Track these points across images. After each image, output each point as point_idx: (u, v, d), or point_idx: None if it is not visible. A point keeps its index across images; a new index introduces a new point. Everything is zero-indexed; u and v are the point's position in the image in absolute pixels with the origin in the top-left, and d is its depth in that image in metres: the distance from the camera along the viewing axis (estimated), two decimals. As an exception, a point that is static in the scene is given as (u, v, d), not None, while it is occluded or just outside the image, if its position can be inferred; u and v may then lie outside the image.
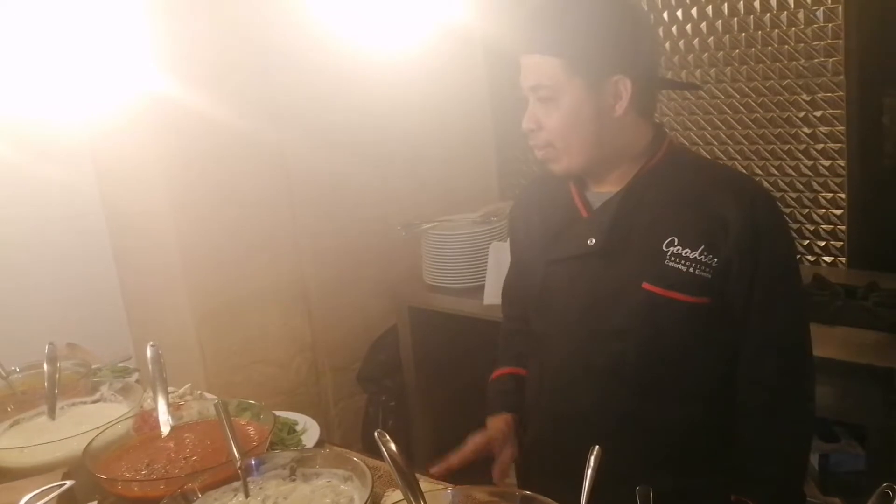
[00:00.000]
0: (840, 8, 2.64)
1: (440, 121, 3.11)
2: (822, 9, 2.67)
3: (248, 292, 2.70)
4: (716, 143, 3.02)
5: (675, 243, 1.47)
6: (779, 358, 1.50)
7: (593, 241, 1.53)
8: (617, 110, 1.51)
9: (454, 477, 1.21)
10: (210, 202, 2.55)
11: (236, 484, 1.26)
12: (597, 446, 1.18)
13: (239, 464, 1.26)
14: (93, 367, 1.92)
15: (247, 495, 1.24)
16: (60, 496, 1.07)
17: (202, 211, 2.53)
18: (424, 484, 1.13)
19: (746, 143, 2.94)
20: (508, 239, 1.86)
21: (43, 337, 1.77)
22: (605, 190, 1.58)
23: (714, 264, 1.45)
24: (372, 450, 1.26)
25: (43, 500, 1.05)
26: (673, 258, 1.47)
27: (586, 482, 1.18)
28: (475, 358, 2.30)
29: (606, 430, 1.47)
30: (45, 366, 1.67)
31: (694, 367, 1.52)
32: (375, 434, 1.18)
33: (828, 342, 2.13)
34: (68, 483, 1.11)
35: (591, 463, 1.18)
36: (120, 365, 2.04)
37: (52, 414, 1.63)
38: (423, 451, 3.00)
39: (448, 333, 3.02)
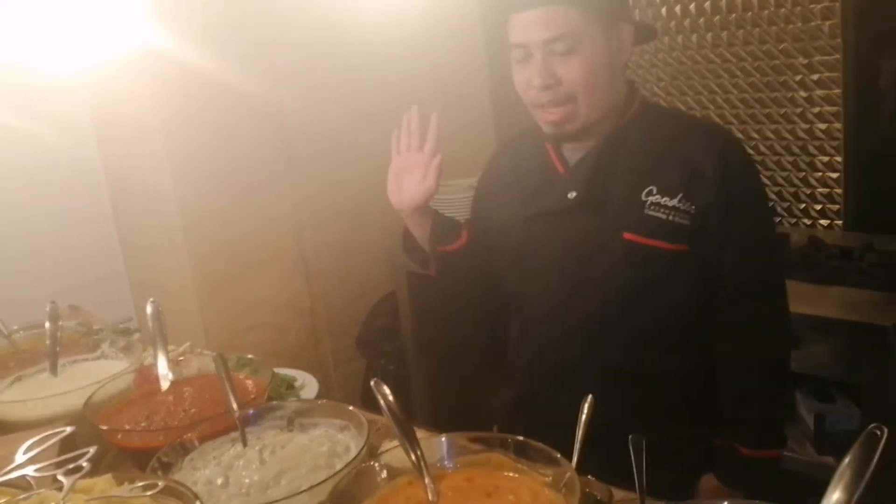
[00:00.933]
0: None
1: (438, 85, 3.10)
2: None
3: (248, 257, 2.71)
4: (712, 106, 3.02)
5: (654, 192, 1.50)
6: (754, 301, 1.54)
7: (574, 194, 1.55)
8: (622, 57, 1.54)
9: (447, 427, 1.23)
10: (210, 167, 2.56)
11: (234, 434, 1.28)
12: (590, 395, 1.21)
13: (237, 414, 1.28)
14: (94, 327, 1.94)
15: (244, 445, 1.26)
16: (63, 442, 1.09)
17: (202, 176, 2.54)
18: (419, 432, 1.15)
19: (743, 106, 2.94)
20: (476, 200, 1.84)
21: (45, 299, 1.79)
22: (580, 146, 1.59)
23: (692, 211, 1.49)
24: (371, 409, 1.28)
25: (45, 445, 1.06)
26: (652, 207, 1.50)
27: (580, 432, 1.20)
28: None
29: (592, 380, 1.44)
30: (47, 324, 1.70)
31: (675, 314, 1.56)
32: (371, 383, 1.20)
33: (823, 302, 2.15)
34: (69, 429, 1.12)
35: (585, 411, 1.21)
36: (121, 326, 2.07)
37: (53, 370, 1.65)
38: (421, 415, 3.03)
39: (446, 298, 3.03)
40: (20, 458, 1.05)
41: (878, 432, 0.84)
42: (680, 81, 3.07)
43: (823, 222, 2.87)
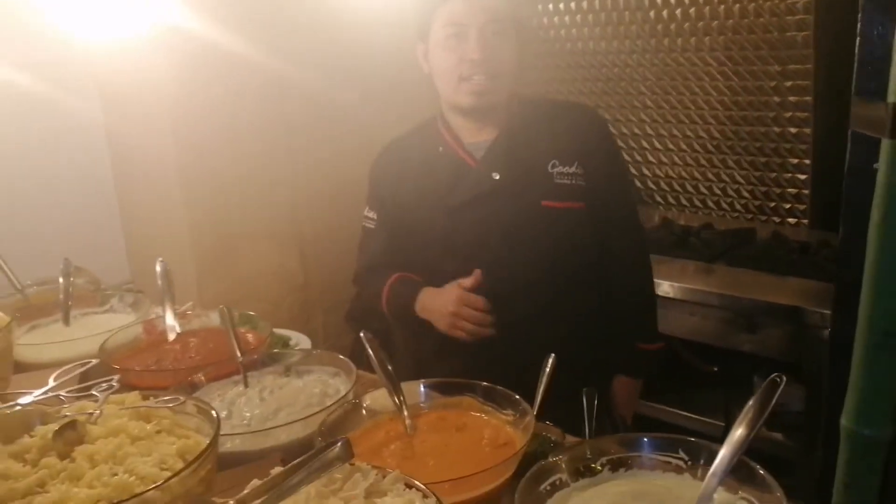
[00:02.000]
0: None
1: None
2: None
3: (245, 231, 2.83)
4: (693, 106, 3.18)
5: (557, 164, 1.86)
6: (629, 235, 1.97)
7: (497, 175, 1.86)
8: (524, 51, 1.89)
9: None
10: (212, 141, 2.66)
11: (237, 377, 1.43)
12: (552, 354, 1.39)
13: (240, 359, 1.44)
14: (102, 287, 2.09)
15: (246, 386, 1.41)
16: (83, 377, 1.23)
17: (204, 149, 2.65)
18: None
19: (721, 108, 3.10)
20: (374, 211, 2.04)
21: (43, 259, 1.92)
22: (480, 139, 1.90)
23: (583, 173, 1.86)
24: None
25: (70, 375, 1.21)
26: (559, 176, 1.86)
27: (541, 385, 1.37)
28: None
29: (530, 328, 1.84)
30: (60, 278, 1.84)
31: (581, 261, 1.90)
32: (361, 334, 1.37)
33: (780, 290, 2.33)
34: (93, 361, 1.27)
35: (548, 368, 1.38)
36: (125, 287, 2.21)
37: (66, 320, 1.80)
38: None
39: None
40: (51, 383, 1.19)
41: (778, 380, 1.00)
42: (664, 82, 3.23)
43: (791, 220, 3.04)
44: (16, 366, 1.62)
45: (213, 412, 1.00)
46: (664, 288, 2.51)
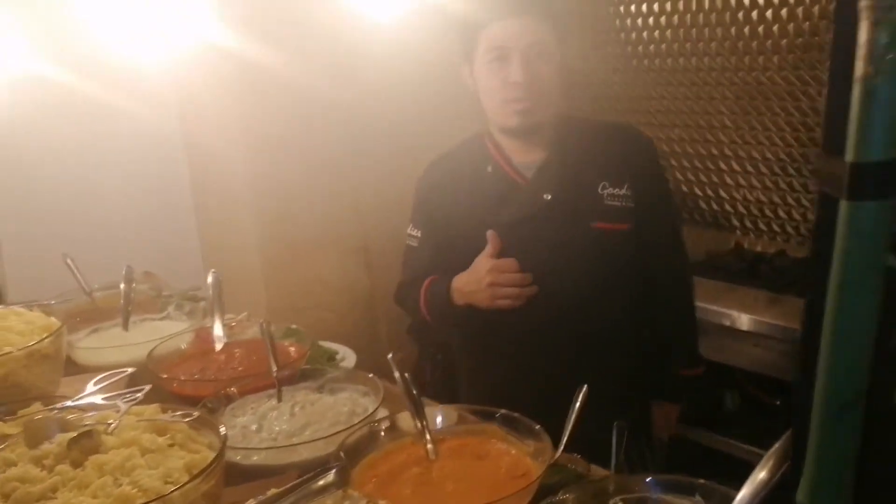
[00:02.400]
0: (816, 8, 2.74)
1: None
2: (801, 8, 2.78)
3: (313, 241, 2.89)
4: (705, 124, 3.18)
5: (607, 186, 1.85)
6: (670, 255, 1.96)
7: (549, 196, 1.85)
8: (567, 75, 1.88)
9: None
10: (281, 156, 2.74)
11: (272, 391, 1.46)
12: (585, 386, 1.35)
13: (275, 373, 1.46)
14: (164, 292, 2.16)
15: (279, 400, 1.43)
16: (127, 382, 1.28)
17: (273, 163, 2.73)
18: (429, 403, 1.30)
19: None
20: (419, 228, 2.04)
21: (124, 263, 2.00)
22: (529, 159, 1.89)
23: (632, 195, 1.85)
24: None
25: (110, 381, 1.26)
26: (609, 198, 1.85)
27: (572, 416, 1.34)
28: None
29: (578, 348, 1.85)
30: (122, 285, 1.91)
31: (628, 284, 1.90)
32: (389, 357, 1.37)
33: (776, 308, 2.38)
34: (130, 369, 1.32)
35: (579, 399, 1.35)
36: (189, 293, 2.28)
37: (125, 325, 1.87)
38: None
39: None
40: (90, 388, 1.24)
41: None
42: (673, 98, 3.24)
43: (798, 240, 2.94)
44: (74, 367, 1.71)
45: (221, 428, 1.02)
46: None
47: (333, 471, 0.88)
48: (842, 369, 0.48)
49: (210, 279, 1.79)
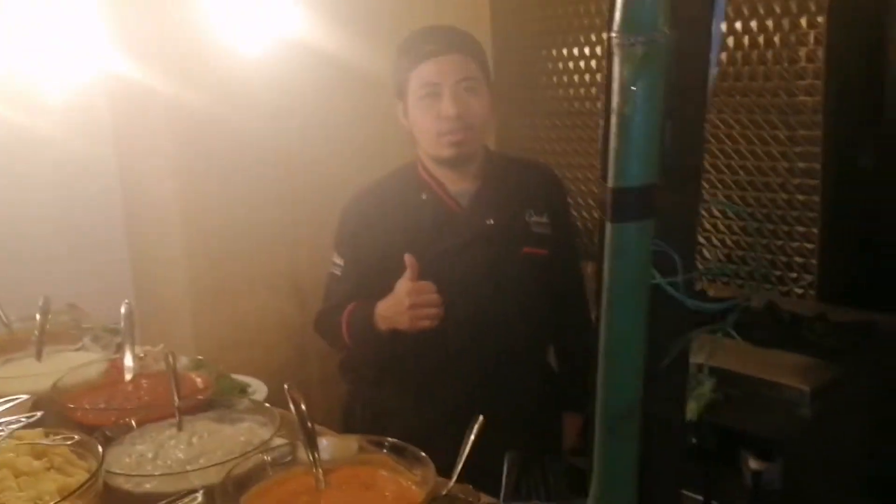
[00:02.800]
0: (820, 50, 2.78)
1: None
2: (804, 49, 2.81)
3: (243, 276, 2.90)
4: (712, 171, 3.17)
5: (532, 214, 2.01)
6: (574, 278, 2.14)
7: (491, 220, 1.97)
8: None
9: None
10: (213, 186, 2.76)
11: (174, 421, 1.46)
12: (480, 416, 1.37)
13: (177, 403, 1.46)
14: (84, 325, 2.15)
15: (179, 429, 1.43)
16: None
17: (205, 195, 2.75)
18: (328, 435, 1.32)
19: (728, 172, 3.08)
20: (342, 257, 2.10)
21: (54, 294, 1.99)
22: (463, 187, 2.00)
23: (549, 222, 2.02)
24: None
25: (5, 406, 1.25)
26: (535, 225, 2.01)
27: (465, 448, 1.36)
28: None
29: (490, 369, 1.98)
30: (38, 315, 1.90)
31: (545, 304, 2.05)
32: (285, 386, 1.37)
33: (765, 363, 2.28)
34: (24, 397, 1.32)
35: (475, 431, 1.37)
36: (110, 326, 2.26)
37: (38, 356, 1.85)
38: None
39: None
40: (-17, 414, 1.24)
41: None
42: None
43: (798, 290, 2.97)
44: (-18, 396, 1.69)
45: (100, 449, 1.02)
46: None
47: (200, 492, 0.88)
48: (614, 383, 0.51)
49: (123, 310, 1.79)
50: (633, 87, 0.46)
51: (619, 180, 0.48)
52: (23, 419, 1.12)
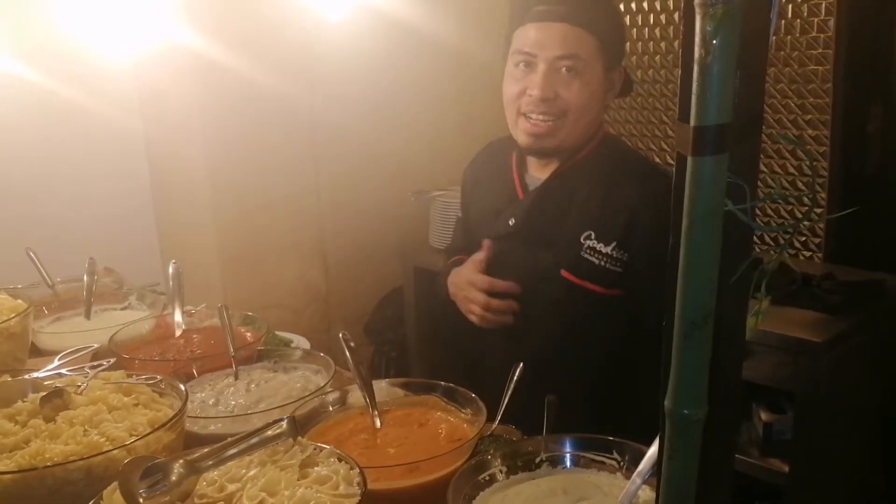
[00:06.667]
0: (832, 21, 2.85)
1: (460, 95, 3.30)
2: (816, 20, 2.88)
3: (272, 243, 2.99)
4: None
5: (592, 237, 1.63)
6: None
7: (513, 221, 1.73)
8: (609, 96, 1.70)
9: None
10: (242, 156, 2.83)
11: (230, 370, 1.55)
12: (521, 364, 1.44)
13: (232, 353, 1.55)
14: (124, 287, 2.24)
15: (236, 378, 1.52)
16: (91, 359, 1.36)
17: (234, 163, 2.82)
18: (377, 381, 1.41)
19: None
20: (461, 208, 2.01)
21: (85, 259, 2.07)
22: (543, 175, 1.73)
23: (624, 259, 1.62)
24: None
25: (75, 356, 1.34)
26: (588, 251, 1.64)
27: (508, 390, 1.44)
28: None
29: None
30: (85, 276, 1.98)
31: (602, 350, 1.70)
32: (340, 335, 1.46)
33: (777, 319, 2.37)
34: (95, 345, 1.40)
35: (516, 376, 1.45)
36: (148, 288, 2.35)
37: (87, 315, 1.94)
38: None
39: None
40: (56, 363, 1.32)
41: None
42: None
43: (806, 253, 3.06)
44: (37, 352, 1.78)
45: (182, 387, 1.11)
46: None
47: (285, 421, 0.97)
48: (691, 296, 0.60)
49: (171, 269, 1.88)
50: (714, 41, 0.55)
51: (701, 120, 0.57)
52: (104, 363, 1.21)
